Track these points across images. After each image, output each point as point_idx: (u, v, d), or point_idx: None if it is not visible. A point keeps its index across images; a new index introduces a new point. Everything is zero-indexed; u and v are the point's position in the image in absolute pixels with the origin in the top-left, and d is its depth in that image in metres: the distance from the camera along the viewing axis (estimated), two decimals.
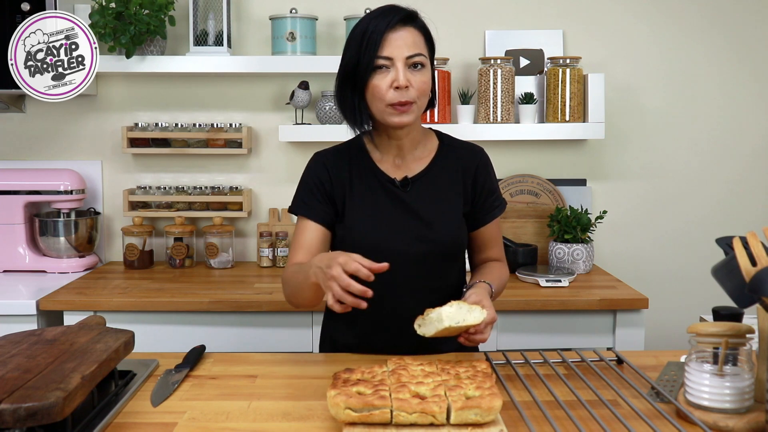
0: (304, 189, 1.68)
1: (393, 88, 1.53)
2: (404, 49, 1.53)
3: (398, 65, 1.52)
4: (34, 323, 2.25)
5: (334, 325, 1.75)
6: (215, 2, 2.65)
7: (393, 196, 1.64)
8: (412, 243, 1.61)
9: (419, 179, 1.66)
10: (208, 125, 2.77)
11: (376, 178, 1.65)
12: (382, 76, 1.53)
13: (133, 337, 1.43)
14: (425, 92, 1.58)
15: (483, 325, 1.42)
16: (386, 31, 1.53)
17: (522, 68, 2.83)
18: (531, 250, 2.65)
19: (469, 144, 1.75)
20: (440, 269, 1.64)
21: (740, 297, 1.20)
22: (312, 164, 1.70)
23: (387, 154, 1.67)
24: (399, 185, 1.64)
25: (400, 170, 1.66)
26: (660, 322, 2.73)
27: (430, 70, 1.59)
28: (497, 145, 2.84)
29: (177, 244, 2.76)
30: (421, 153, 1.68)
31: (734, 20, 2.85)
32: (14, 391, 1.09)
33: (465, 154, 1.71)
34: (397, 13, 1.55)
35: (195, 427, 1.23)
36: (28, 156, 2.85)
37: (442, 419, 1.15)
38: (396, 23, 1.54)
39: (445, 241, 1.64)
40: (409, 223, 1.62)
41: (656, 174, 2.91)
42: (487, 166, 1.73)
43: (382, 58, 1.52)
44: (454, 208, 1.67)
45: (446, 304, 1.41)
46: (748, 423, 1.18)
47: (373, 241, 1.60)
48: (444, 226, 1.64)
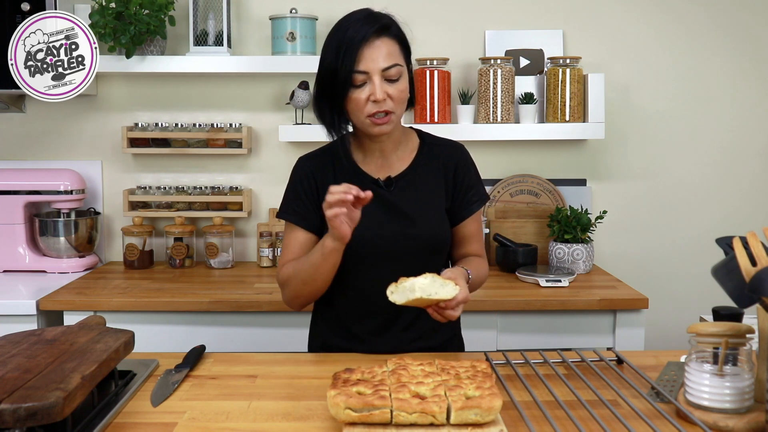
0: (291, 194, 1.71)
1: (371, 101, 1.56)
2: (380, 62, 1.55)
3: (375, 79, 1.55)
4: (34, 323, 2.25)
5: (323, 325, 1.77)
6: (215, 2, 2.65)
7: (377, 196, 1.66)
8: (397, 240, 1.64)
9: (402, 178, 1.69)
10: (208, 125, 2.77)
11: (360, 178, 1.67)
12: (360, 89, 1.56)
13: (133, 337, 1.43)
14: (403, 100, 1.61)
15: (455, 302, 1.45)
16: (362, 43, 1.54)
17: (522, 68, 2.83)
18: (531, 250, 2.65)
19: (450, 141, 1.79)
20: (425, 265, 1.66)
21: (740, 297, 1.20)
22: (297, 169, 1.73)
23: (370, 155, 1.70)
24: (383, 185, 1.68)
25: (383, 170, 1.70)
26: (660, 322, 2.73)
27: (407, 77, 1.62)
28: (497, 145, 2.84)
29: (177, 244, 2.76)
30: (403, 152, 1.72)
31: (735, 19, 2.85)
32: (14, 391, 1.09)
33: (446, 152, 1.75)
34: (372, 24, 1.56)
35: (195, 427, 1.23)
36: (28, 156, 2.86)
37: (442, 419, 1.15)
38: (371, 35, 1.55)
39: (429, 237, 1.67)
40: (393, 221, 1.66)
41: (656, 174, 2.91)
42: (468, 162, 1.77)
43: (359, 72, 1.55)
44: (437, 205, 1.70)
45: (421, 276, 1.44)
46: (748, 423, 1.18)
47: (359, 241, 1.62)
48: (428, 223, 1.67)
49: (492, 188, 2.84)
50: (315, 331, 1.81)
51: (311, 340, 1.83)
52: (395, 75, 1.57)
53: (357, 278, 1.66)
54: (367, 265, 1.65)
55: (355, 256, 1.63)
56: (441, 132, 2.67)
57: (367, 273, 1.65)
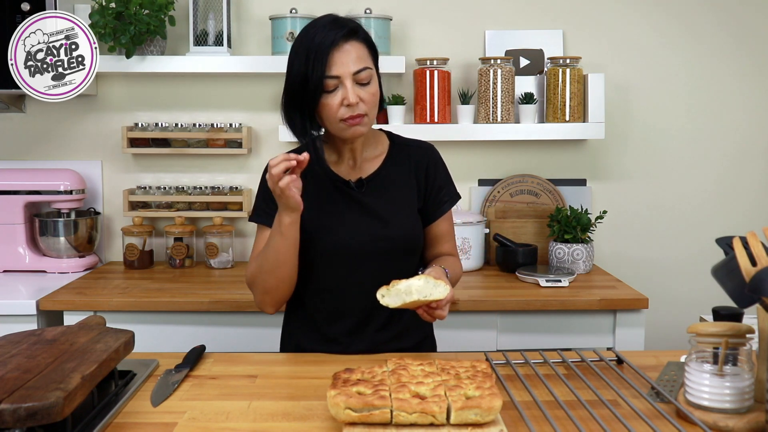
0: (262, 197, 1.71)
1: (344, 106, 1.56)
2: (351, 66, 1.55)
3: (347, 83, 1.55)
4: (34, 323, 2.25)
5: (296, 327, 1.76)
6: (215, 2, 2.65)
7: (348, 198, 1.68)
8: (370, 241, 1.64)
9: (373, 179, 1.70)
10: (208, 125, 2.77)
11: (331, 181, 1.68)
12: (332, 94, 1.56)
13: (133, 337, 1.43)
14: (375, 103, 1.61)
15: (444, 302, 1.46)
16: (331, 48, 1.54)
17: (522, 68, 2.83)
18: (531, 250, 2.65)
19: (419, 141, 1.79)
20: (399, 265, 1.68)
21: (740, 297, 1.20)
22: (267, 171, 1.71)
23: (340, 157, 1.71)
24: (354, 186, 1.68)
25: (354, 171, 1.70)
26: (660, 322, 2.73)
27: (377, 80, 1.62)
28: (497, 145, 2.84)
29: (177, 244, 2.76)
30: (373, 153, 1.73)
31: (735, 19, 2.85)
32: (14, 391, 1.09)
33: (416, 152, 1.75)
34: (340, 28, 1.56)
35: (195, 427, 1.23)
36: (28, 156, 2.86)
37: (442, 419, 1.15)
38: (340, 39, 1.55)
39: (402, 237, 1.67)
40: (366, 222, 1.66)
41: (656, 174, 2.91)
42: (438, 162, 1.77)
43: (330, 77, 1.54)
44: (409, 205, 1.71)
45: (414, 277, 1.45)
46: (748, 423, 1.18)
47: (331, 243, 1.63)
48: (400, 223, 1.68)
49: (492, 188, 2.84)
50: (288, 332, 1.80)
51: (284, 342, 1.82)
52: (366, 78, 1.57)
53: (330, 280, 1.66)
54: (340, 266, 1.65)
55: (329, 258, 1.64)
56: (441, 132, 2.71)
57: (340, 274, 1.65)
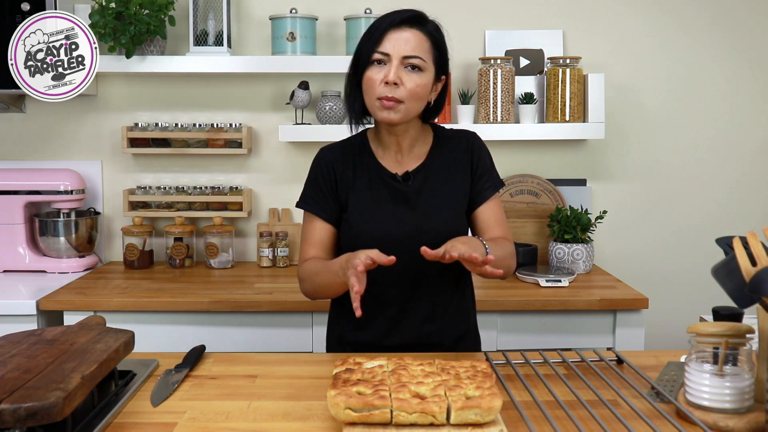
0: (311, 185, 1.73)
1: (384, 83, 1.57)
2: (402, 48, 1.56)
3: (393, 62, 1.56)
4: (34, 323, 2.25)
5: (340, 319, 1.77)
6: (215, 2, 2.65)
7: (394, 191, 1.68)
8: (415, 235, 1.64)
9: (419, 172, 1.70)
10: (208, 125, 2.77)
11: (378, 173, 1.69)
12: (377, 69, 1.58)
13: (133, 337, 1.43)
14: (417, 95, 1.59)
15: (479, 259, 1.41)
16: (389, 28, 1.57)
17: (522, 68, 2.83)
18: (531, 250, 2.65)
19: (461, 131, 1.79)
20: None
21: (740, 297, 1.20)
22: (318, 159, 1.75)
23: (388, 151, 1.71)
24: (400, 180, 1.68)
25: (401, 165, 1.71)
26: (660, 322, 2.72)
27: (429, 77, 1.61)
28: (497, 145, 2.83)
29: (177, 244, 2.76)
30: (420, 149, 1.73)
31: (735, 19, 2.85)
32: (14, 391, 1.09)
33: (458, 142, 1.75)
34: (404, 13, 1.60)
35: (195, 427, 1.23)
36: (28, 156, 2.85)
37: (442, 419, 1.15)
38: (399, 22, 1.58)
39: (445, 230, 1.66)
40: (411, 215, 1.66)
41: (656, 174, 2.91)
42: (481, 148, 1.76)
43: (379, 53, 1.57)
44: (454, 198, 1.71)
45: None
46: (748, 423, 1.18)
47: (375, 234, 1.64)
48: (444, 216, 1.68)
49: None
50: (332, 325, 1.82)
51: (329, 334, 1.83)
52: (417, 66, 1.57)
53: (373, 270, 1.65)
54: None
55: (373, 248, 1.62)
56: None
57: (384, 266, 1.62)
